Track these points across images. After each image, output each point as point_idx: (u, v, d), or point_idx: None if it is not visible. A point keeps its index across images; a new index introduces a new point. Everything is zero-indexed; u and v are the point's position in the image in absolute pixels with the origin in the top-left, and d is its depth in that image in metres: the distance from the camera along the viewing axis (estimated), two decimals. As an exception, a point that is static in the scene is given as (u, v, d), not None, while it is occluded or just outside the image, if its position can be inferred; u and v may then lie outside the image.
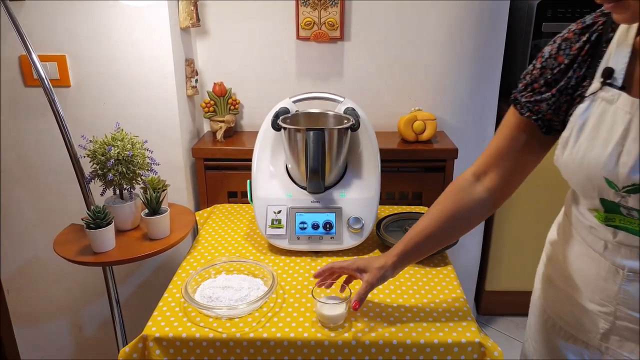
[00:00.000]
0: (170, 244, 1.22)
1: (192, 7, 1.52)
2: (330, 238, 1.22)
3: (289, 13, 1.62)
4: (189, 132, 1.65)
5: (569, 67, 0.79)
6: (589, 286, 0.86)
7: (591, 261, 0.84)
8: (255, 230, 1.37)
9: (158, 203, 1.23)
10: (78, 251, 1.19)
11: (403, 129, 1.62)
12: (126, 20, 1.42)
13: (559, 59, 0.80)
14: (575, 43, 0.79)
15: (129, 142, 1.24)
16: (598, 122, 0.74)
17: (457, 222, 0.94)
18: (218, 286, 1.07)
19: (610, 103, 0.73)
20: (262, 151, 1.32)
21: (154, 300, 1.09)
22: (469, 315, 1.01)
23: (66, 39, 1.44)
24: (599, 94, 0.75)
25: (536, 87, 0.83)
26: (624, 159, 0.71)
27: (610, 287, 0.82)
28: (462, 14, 1.63)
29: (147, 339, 0.96)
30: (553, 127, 0.84)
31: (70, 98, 1.49)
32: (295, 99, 1.35)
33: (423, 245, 0.94)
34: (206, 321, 0.99)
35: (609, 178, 0.73)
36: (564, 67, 0.79)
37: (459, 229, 0.96)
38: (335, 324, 0.97)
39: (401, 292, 1.09)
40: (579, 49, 0.78)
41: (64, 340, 1.81)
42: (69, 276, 1.70)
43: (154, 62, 1.46)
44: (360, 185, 1.28)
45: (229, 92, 1.68)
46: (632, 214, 0.75)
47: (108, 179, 1.21)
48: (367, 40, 1.65)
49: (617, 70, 0.74)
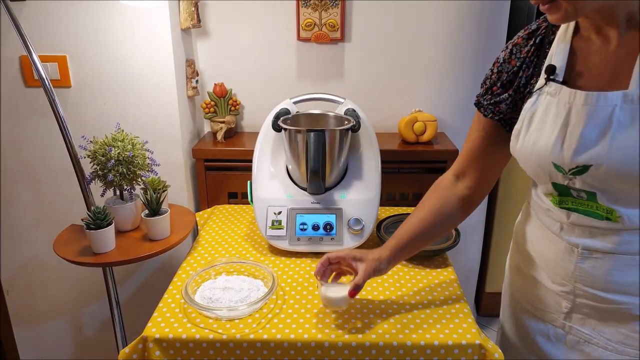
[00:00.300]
0: (170, 245, 1.22)
1: (193, 8, 1.53)
2: (331, 239, 1.22)
3: (289, 14, 1.62)
4: (190, 133, 1.65)
5: (519, 69, 0.88)
6: (549, 267, 0.93)
7: (550, 242, 0.91)
8: (256, 231, 1.37)
9: (158, 204, 1.23)
10: (78, 252, 1.19)
11: (403, 130, 1.62)
12: (127, 21, 1.42)
13: (512, 63, 0.89)
14: (524, 47, 0.88)
15: (129, 142, 1.24)
16: (544, 113, 0.82)
17: (443, 219, 1.00)
18: (218, 287, 1.07)
19: (554, 96, 0.81)
20: (263, 152, 1.32)
21: (154, 301, 1.09)
22: (469, 317, 1.01)
23: (67, 40, 1.44)
24: (544, 89, 0.83)
25: (495, 90, 0.92)
26: (567, 144, 0.78)
27: (567, 266, 0.88)
28: (462, 15, 1.63)
29: (147, 340, 0.96)
30: (514, 124, 0.90)
31: (70, 98, 1.49)
32: (296, 99, 1.35)
33: (413, 241, 0.99)
34: (206, 322, 0.99)
35: (556, 163, 0.81)
36: (516, 69, 0.88)
37: (445, 225, 1.02)
38: (339, 306, 0.98)
39: (402, 293, 1.09)
40: (527, 52, 0.87)
41: (63, 341, 1.81)
42: (69, 277, 1.70)
43: (155, 63, 1.46)
44: (360, 186, 1.28)
45: (229, 92, 1.68)
46: (581, 196, 0.82)
47: (108, 180, 1.21)
48: (368, 42, 1.65)
49: (559, 67, 0.82)
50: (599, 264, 0.84)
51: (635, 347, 0.86)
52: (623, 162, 0.74)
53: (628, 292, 0.84)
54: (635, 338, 0.86)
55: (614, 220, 0.81)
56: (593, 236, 0.84)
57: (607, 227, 0.82)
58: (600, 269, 0.84)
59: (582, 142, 0.77)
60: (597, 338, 0.89)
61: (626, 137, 0.74)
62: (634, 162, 0.73)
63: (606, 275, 0.84)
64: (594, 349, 0.90)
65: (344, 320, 0.99)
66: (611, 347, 0.88)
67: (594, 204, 0.82)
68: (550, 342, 0.96)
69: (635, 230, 0.80)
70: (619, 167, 0.75)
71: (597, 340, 0.89)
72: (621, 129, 0.74)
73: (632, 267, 0.82)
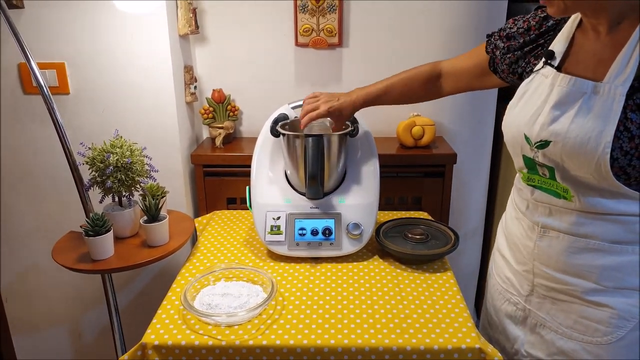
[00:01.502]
0: (169, 251, 1.22)
1: (191, 14, 1.53)
2: (330, 244, 1.22)
3: (287, 20, 1.62)
4: (188, 139, 1.65)
5: (526, 32, 0.98)
6: (516, 246, 1.02)
7: (518, 222, 1.01)
8: (254, 237, 1.37)
9: (157, 210, 1.23)
10: (77, 259, 1.19)
11: (402, 134, 1.62)
12: (125, 27, 1.42)
13: (524, 22, 1.00)
14: (536, 17, 0.98)
15: (127, 149, 1.23)
16: (533, 92, 0.91)
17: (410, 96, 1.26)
18: (217, 293, 1.07)
19: (546, 77, 0.90)
20: (261, 157, 1.32)
21: (153, 308, 1.08)
22: (469, 321, 1.01)
23: (65, 47, 1.44)
24: (540, 71, 0.92)
25: (501, 35, 1.04)
26: (540, 119, 0.87)
27: (529, 244, 0.97)
28: (459, 19, 1.64)
29: (146, 346, 0.95)
30: (497, 70, 1.07)
31: (69, 105, 1.50)
32: (294, 105, 1.35)
33: (387, 95, 1.24)
34: (205, 328, 0.99)
35: (527, 134, 0.90)
36: (521, 30, 0.99)
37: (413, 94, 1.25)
38: None
39: (401, 298, 1.08)
40: (537, 22, 0.97)
41: (62, 348, 1.81)
42: (67, 284, 1.69)
43: (153, 69, 1.46)
44: (359, 191, 1.28)
45: (227, 98, 1.68)
46: (544, 174, 0.91)
47: (107, 186, 1.21)
48: (365, 47, 1.66)
49: (557, 52, 0.90)
50: (554, 243, 0.92)
51: (583, 332, 0.92)
52: (575, 143, 0.82)
53: (578, 275, 0.91)
54: (583, 323, 0.92)
55: (569, 199, 0.88)
56: (552, 215, 0.92)
57: (564, 207, 0.90)
58: (555, 248, 0.92)
59: (549, 118, 0.86)
60: (551, 322, 0.97)
61: (583, 123, 0.82)
62: (583, 147, 0.81)
63: (560, 255, 0.92)
64: (547, 332, 0.98)
65: (343, 325, 0.99)
66: (561, 331, 0.95)
67: (553, 182, 0.90)
68: (513, 323, 1.05)
69: (588, 214, 0.87)
70: (571, 147, 0.82)
71: (551, 324, 0.97)
72: (582, 115, 0.82)
73: (584, 250, 0.89)
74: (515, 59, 1.01)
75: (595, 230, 0.87)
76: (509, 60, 1.02)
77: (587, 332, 0.92)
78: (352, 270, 1.20)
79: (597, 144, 0.79)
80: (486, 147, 1.83)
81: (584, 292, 0.90)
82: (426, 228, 1.33)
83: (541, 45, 0.96)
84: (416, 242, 1.26)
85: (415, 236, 1.27)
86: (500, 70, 1.06)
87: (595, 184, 0.84)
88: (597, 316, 0.90)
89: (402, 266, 1.22)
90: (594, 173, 0.82)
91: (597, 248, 0.87)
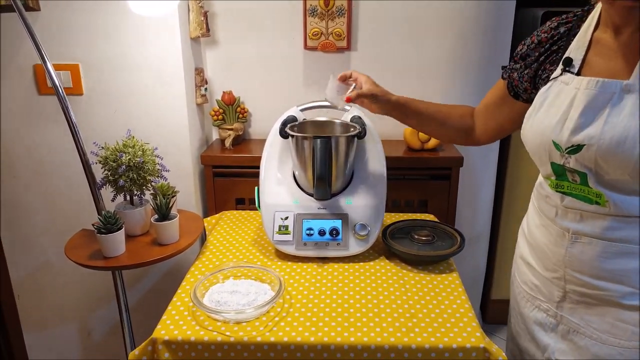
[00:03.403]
0: (179, 249, 1.24)
1: (202, 18, 1.56)
2: (337, 244, 1.24)
3: (296, 23, 1.65)
4: (198, 140, 1.67)
5: (536, 46, 0.99)
6: (544, 253, 0.99)
7: (545, 229, 0.98)
8: (263, 237, 1.39)
9: (168, 209, 1.25)
10: (89, 256, 1.21)
11: (409, 137, 1.64)
12: (138, 30, 1.45)
13: (532, 39, 1.00)
14: (546, 28, 0.98)
15: (139, 149, 1.26)
16: (554, 98, 0.90)
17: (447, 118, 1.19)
18: (226, 291, 1.09)
19: (567, 84, 0.89)
20: (270, 158, 1.34)
21: (162, 305, 1.10)
22: (473, 321, 1.02)
23: (79, 49, 1.47)
24: (559, 78, 0.91)
25: (515, 59, 1.04)
26: (567, 124, 0.86)
27: (559, 251, 0.94)
28: (467, 24, 1.65)
29: (156, 341, 0.97)
30: (518, 94, 1.05)
31: (82, 106, 1.53)
32: (303, 107, 1.37)
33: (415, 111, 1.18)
34: (214, 325, 1.00)
35: (555, 141, 0.88)
36: (532, 45, 0.99)
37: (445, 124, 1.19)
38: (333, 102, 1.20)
39: (407, 297, 1.10)
40: (546, 33, 0.97)
41: (72, 345, 1.83)
42: (78, 281, 1.72)
43: (165, 71, 1.49)
44: (366, 193, 1.30)
45: (237, 100, 1.70)
46: (575, 179, 0.89)
47: (119, 185, 1.23)
48: (373, 50, 1.68)
49: (575, 59, 0.90)
50: (587, 249, 0.90)
51: (619, 337, 0.90)
52: (610, 144, 0.81)
53: (613, 280, 0.88)
54: (619, 327, 0.90)
55: (602, 204, 0.86)
56: (583, 220, 0.90)
57: (596, 212, 0.88)
58: (588, 254, 0.90)
59: (580, 122, 0.84)
60: (585, 327, 0.94)
61: (617, 122, 0.81)
62: (620, 147, 0.80)
63: (593, 260, 0.89)
64: (581, 338, 0.95)
65: (349, 323, 1.01)
66: (596, 336, 0.93)
67: (585, 188, 0.88)
68: (543, 331, 1.02)
69: (622, 218, 0.85)
70: (606, 149, 0.81)
71: (585, 330, 0.94)
72: (614, 115, 0.81)
73: (618, 254, 0.87)
74: (534, 72, 0.99)
75: (629, 234, 0.85)
76: (528, 77, 1.00)
77: (623, 337, 0.89)
78: (358, 270, 1.21)
79: (634, 142, 0.78)
80: (493, 151, 1.84)
81: (621, 297, 0.88)
82: (432, 230, 1.35)
83: (555, 51, 0.96)
84: (422, 243, 1.27)
85: (421, 237, 1.28)
86: (522, 90, 1.03)
87: (631, 186, 0.82)
88: (634, 319, 0.88)
89: (408, 267, 1.23)
90: (632, 172, 0.80)
91: (632, 252, 0.86)
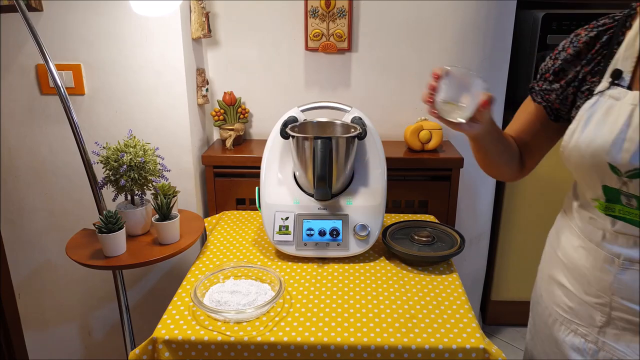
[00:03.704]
0: (179, 249, 1.25)
1: (204, 19, 1.56)
2: (337, 245, 1.24)
3: (297, 24, 1.65)
4: (199, 140, 1.68)
5: (575, 58, 0.88)
6: (584, 278, 0.90)
7: (586, 252, 0.89)
8: (263, 237, 1.39)
9: (168, 209, 1.26)
10: (90, 255, 1.22)
11: (409, 138, 1.64)
12: (140, 31, 1.45)
13: (567, 51, 0.89)
14: (583, 37, 0.88)
15: (141, 149, 1.26)
16: (604, 115, 0.81)
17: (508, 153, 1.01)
18: (226, 291, 1.09)
19: (617, 99, 0.80)
20: (271, 159, 1.34)
21: (163, 305, 1.11)
22: (473, 321, 1.02)
23: (81, 49, 1.48)
24: (606, 92, 0.82)
25: (547, 77, 0.93)
26: (627, 145, 0.77)
27: (605, 278, 0.86)
28: (467, 26, 1.65)
29: (156, 341, 0.98)
30: (561, 115, 0.93)
31: (84, 106, 1.53)
32: (304, 108, 1.38)
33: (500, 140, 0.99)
34: (214, 325, 1.01)
35: (612, 163, 0.79)
36: (569, 58, 0.89)
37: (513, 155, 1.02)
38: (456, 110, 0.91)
39: (407, 298, 1.10)
40: (585, 43, 0.87)
41: (73, 344, 1.83)
42: (79, 281, 1.72)
43: (166, 72, 1.50)
44: (366, 193, 1.30)
45: (238, 101, 1.71)
46: (631, 203, 0.80)
47: (120, 185, 1.23)
48: (374, 52, 1.68)
49: (625, 72, 0.81)
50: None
51: None
52: None
53: None
54: None
55: None
56: (637, 245, 0.81)
57: None
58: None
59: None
60: (632, 355, 0.86)
61: None
62: None
63: None
64: None
65: (349, 323, 1.01)
66: None
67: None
68: (581, 356, 0.93)
69: None
70: None
71: (630, 357, 0.86)
72: None
73: None
74: (576, 89, 0.89)
75: None
76: (572, 95, 0.90)
77: None
78: (358, 271, 1.22)
79: None
80: (493, 152, 1.84)
81: None
82: (432, 230, 1.35)
83: (598, 62, 0.86)
84: (422, 244, 1.27)
85: (421, 238, 1.28)
86: (565, 111, 0.92)
87: None
88: None
89: (408, 267, 1.23)
90: None
91: None
